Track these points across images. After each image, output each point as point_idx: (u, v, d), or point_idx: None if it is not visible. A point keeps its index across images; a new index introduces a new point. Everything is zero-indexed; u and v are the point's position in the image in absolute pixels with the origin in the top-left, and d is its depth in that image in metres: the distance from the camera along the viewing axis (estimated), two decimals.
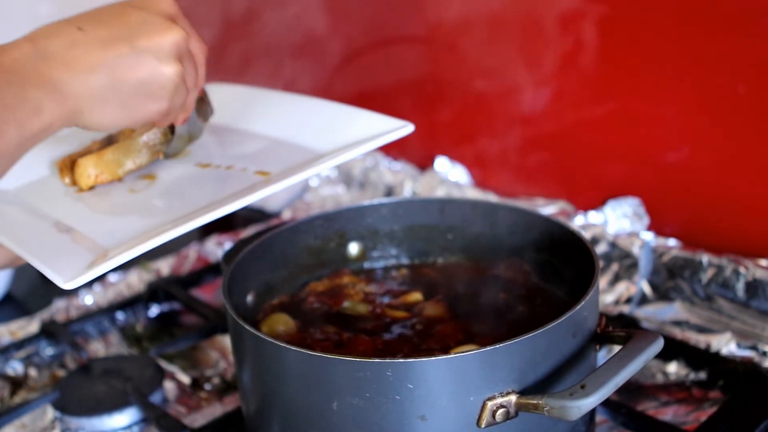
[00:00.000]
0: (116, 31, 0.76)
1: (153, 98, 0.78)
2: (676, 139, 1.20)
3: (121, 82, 0.75)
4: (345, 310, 1.00)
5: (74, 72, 0.73)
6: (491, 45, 1.40)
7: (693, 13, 1.13)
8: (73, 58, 0.74)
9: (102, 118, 0.76)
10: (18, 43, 0.74)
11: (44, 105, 0.71)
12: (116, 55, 0.75)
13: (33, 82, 0.72)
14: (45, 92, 0.72)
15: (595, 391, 0.70)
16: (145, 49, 0.76)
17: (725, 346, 1.06)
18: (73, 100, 0.73)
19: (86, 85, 0.74)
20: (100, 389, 1.08)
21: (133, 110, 0.77)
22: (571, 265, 0.95)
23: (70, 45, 0.75)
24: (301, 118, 1.04)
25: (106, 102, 0.75)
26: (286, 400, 0.81)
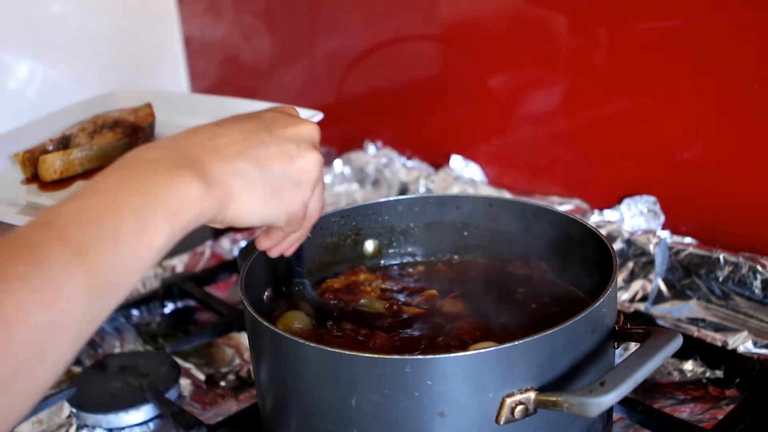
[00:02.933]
0: (254, 125, 0.76)
1: (298, 186, 0.76)
2: (691, 136, 1.20)
3: (267, 169, 0.74)
4: (362, 307, 1.00)
5: (221, 158, 0.71)
6: (505, 43, 1.40)
7: (707, 10, 1.13)
8: (218, 147, 0.72)
9: (249, 211, 0.73)
10: (161, 142, 0.72)
11: (193, 190, 0.67)
12: (260, 143, 0.74)
13: (181, 168, 0.68)
14: (194, 178, 0.68)
15: (614, 388, 0.70)
16: (286, 137, 0.76)
17: (742, 344, 1.06)
18: (222, 187, 0.70)
19: (234, 170, 0.71)
20: (116, 386, 1.09)
21: (280, 199, 0.75)
22: (588, 261, 0.95)
23: (212, 138, 0.73)
24: (223, 114, 1.16)
25: (254, 190, 0.73)
26: (304, 397, 0.81)
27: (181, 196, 0.66)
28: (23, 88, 1.85)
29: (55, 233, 0.60)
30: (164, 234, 0.65)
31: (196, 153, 0.71)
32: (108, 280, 0.61)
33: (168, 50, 2.04)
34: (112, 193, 0.65)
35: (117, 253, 0.61)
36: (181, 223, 0.66)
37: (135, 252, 0.63)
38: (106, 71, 1.94)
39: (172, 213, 0.66)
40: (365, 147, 1.65)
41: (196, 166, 0.69)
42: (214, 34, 1.98)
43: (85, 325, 0.60)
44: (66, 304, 0.58)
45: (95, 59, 1.93)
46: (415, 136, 1.60)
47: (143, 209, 0.64)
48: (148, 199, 0.65)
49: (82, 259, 0.59)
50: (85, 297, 0.59)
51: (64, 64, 1.90)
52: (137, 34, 1.98)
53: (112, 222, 0.62)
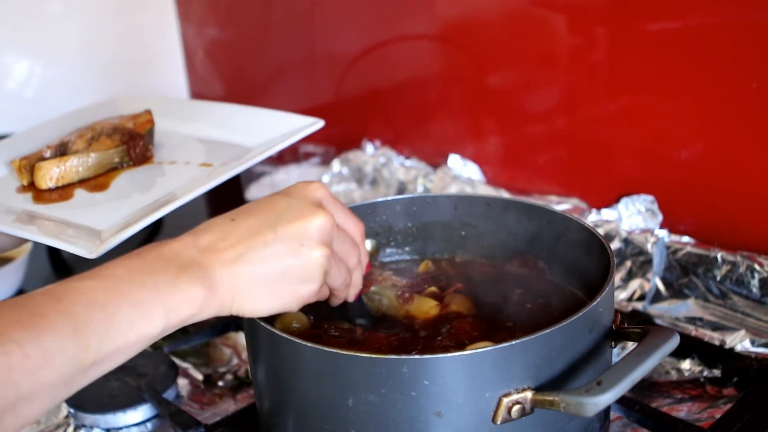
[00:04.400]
0: (263, 220, 0.78)
1: (302, 282, 0.79)
2: (689, 135, 1.20)
3: (268, 270, 0.77)
4: (373, 294, 1.00)
5: (224, 263, 0.75)
6: (503, 43, 1.40)
7: (705, 10, 1.13)
8: (224, 248, 0.76)
9: (254, 305, 0.77)
10: (182, 237, 0.77)
11: (195, 294, 0.73)
12: (262, 243, 0.76)
13: (188, 272, 0.73)
14: (197, 281, 0.73)
15: (611, 388, 0.70)
16: (289, 234, 0.77)
17: (739, 343, 1.06)
18: (224, 290, 0.75)
19: (235, 274, 0.75)
20: (114, 386, 1.09)
21: (284, 295, 0.78)
22: (586, 261, 0.95)
23: (223, 237, 0.76)
24: (233, 121, 1.21)
25: (255, 289, 0.76)
26: (301, 397, 0.81)
27: (182, 296, 0.72)
28: (21, 88, 1.86)
29: (63, 307, 0.66)
30: (158, 327, 0.71)
31: (204, 257, 0.75)
32: (94, 359, 0.67)
33: (167, 52, 2.05)
34: (122, 280, 0.70)
35: (110, 337, 0.67)
36: (176, 319, 0.72)
37: (127, 338, 0.69)
38: (104, 72, 1.94)
39: (169, 309, 0.71)
40: (363, 146, 1.65)
41: (202, 269, 0.74)
42: (213, 35, 1.98)
43: (62, 391, 0.66)
44: (51, 373, 0.64)
45: (94, 60, 1.93)
46: (414, 135, 1.61)
47: (144, 302, 0.70)
48: (151, 293, 0.71)
49: (78, 337, 0.65)
50: (70, 369, 0.65)
51: (63, 64, 1.90)
52: (136, 35, 1.98)
53: (113, 308, 0.68)
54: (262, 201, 0.81)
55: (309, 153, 1.77)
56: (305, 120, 1.16)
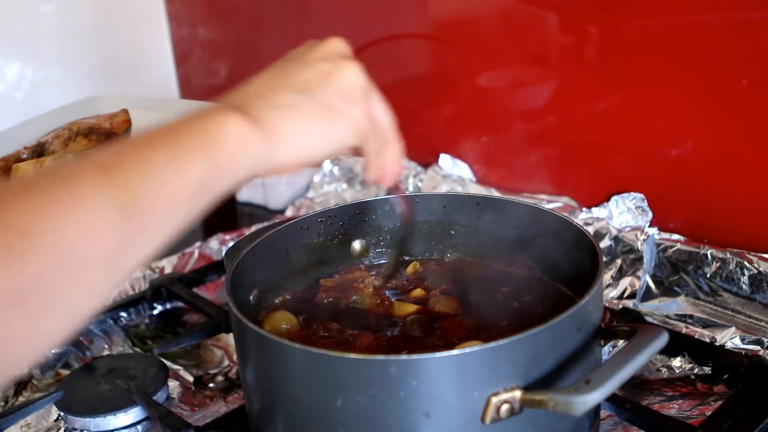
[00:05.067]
0: (286, 61, 0.74)
1: (349, 99, 0.72)
2: (679, 133, 1.20)
3: (311, 93, 0.70)
4: (354, 304, 1.00)
5: (260, 98, 0.69)
6: (493, 42, 1.40)
7: (696, 8, 1.13)
8: (256, 87, 0.70)
9: (307, 137, 0.69)
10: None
11: (236, 125, 0.64)
12: (293, 73, 0.71)
13: (222, 110, 0.65)
14: (237, 114, 0.65)
15: (599, 386, 0.70)
16: (317, 58, 0.73)
17: (730, 340, 1.06)
18: (268, 124, 0.67)
19: (277, 104, 0.69)
20: (104, 388, 1.08)
21: (339, 117, 0.71)
22: (575, 259, 0.95)
23: (246, 86, 0.71)
24: None
25: (305, 116, 0.69)
26: (290, 398, 0.81)
27: (221, 129, 0.64)
28: (12, 89, 1.85)
29: (87, 161, 0.58)
30: (200, 163, 0.61)
31: (234, 101, 0.68)
32: (140, 203, 0.57)
33: (157, 53, 2.04)
34: (153, 132, 0.62)
35: (148, 176, 0.58)
36: (220, 156, 0.63)
37: (168, 178, 0.59)
38: (95, 73, 1.94)
39: (210, 145, 0.62)
40: None
41: (239, 110, 0.66)
42: (204, 35, 1.98)
43: (120, 251, 0.56)
44: (94, 219, 0.54)
45: (84, 61, 1.92)
46: (404, 134, 1.59)
47: (179, 141, 0.62)
48: (187, 132, 0.63)
49: (111, 179, 0.56)
50: (116, 216, 0.55)
51: (53, 65, 1.89)
52: (126, 36, 1.98)
53: (146, 150, 0.60)
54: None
55: None
56: None
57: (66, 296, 0.53)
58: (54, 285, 0.52)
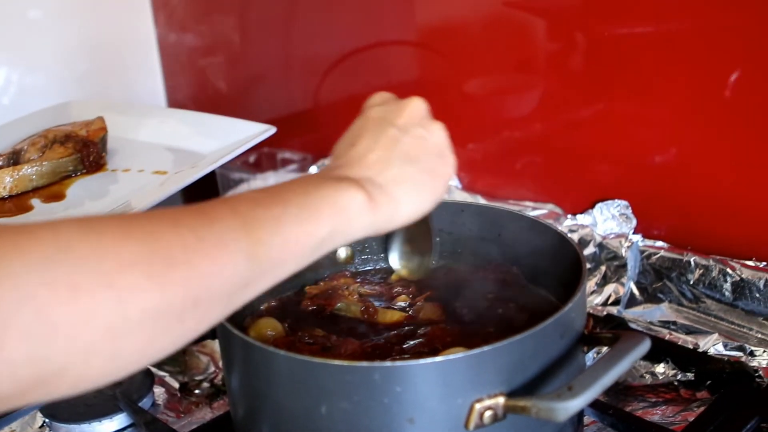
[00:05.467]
0: (377, 128, 0.78)
1: (443, 157, 0.79)
2: (663, 141, 1.21)
3: (415, 161, 0.76)
4: (338, 311, 1.00)
5: (376, 171, 0.74)
6: (480, 49, 1.41)
7: (681, 15, 1.14)
8: (369, 163, 0.75)
9: (419, 203, 0.76)
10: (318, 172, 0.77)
11: (357, 196, 0.71)
12: (395, 142, 0.76)
13: (344, 181, 0.72)
14: (356, 186, 0.72)
15: (582, 393, 0.70)
16: (409, 124, 0.78)
17: (713, 346, 1.07)
18: (386, 196, 0.73)
19: (393, 177, 0.75)
20: (89, 395, 1.08)
21: (437, 177, 0.78)
22: (559, 267, 0.95)
23: (360, 158, 0.76)
24: (186, 128, 1.22)
25: (416, 185, 0.76)
26: (275, 405, 0.81)
27: (347, 199, 0.71)
28: None
29: (229, 207, 0.65)
30: (326, 227, 0.68)
31: (352, 172, 0.74)
32: (266, 254, 0.64)
33: (144, 58, 2.05)
34: (285, 190, 0.69)
35: (278, 232, 0.65)
36: (343, 220, 0.70)
37: (296, 236, 0.66)
38: (82, 79, 1.94)
39: (336, 211, 0.70)
40: None
41: (355, 177, 0.73)
42: (190, 41, 1.98)
43: (240, 290, 0.64)
44: (227, 262, 0.61)
45: (71, 66, 1.92)
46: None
47: (308, 204, 0.69)
48: (315, 197, 0.69)
49: (247, 230, 0.63)
50: (244, 262, 0.62)
51: (40, 71, 1.89)
52: (113, 42, 1.98)
53: (280, 209, 0.66)
54: (359, 122, 0.81)
55: (287, 160, 1.77)
56: (258, 127, 1.18)
57: (186, 322, 0.59)
58: (179, 312, 0.58)
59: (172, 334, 0.59)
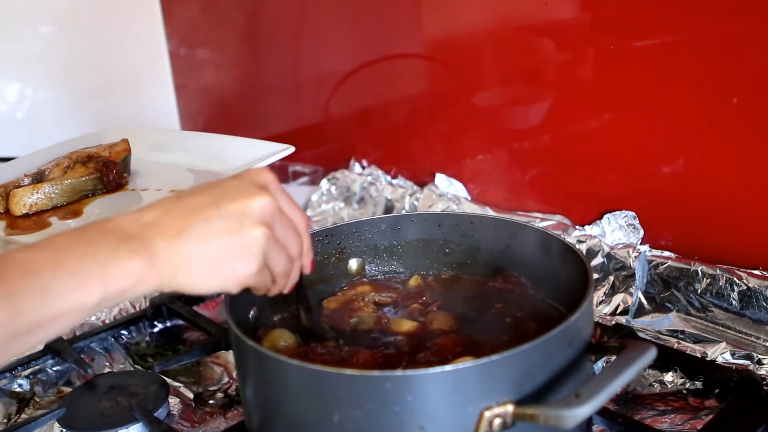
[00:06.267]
0: (208, 199, 0.80)
1: (240, 260, 0.79)
2: (669, 152, 1.22)
3: (206, 246, 0.77)
4: (354, 326, 1.02)
5: (165, 236, 0.76)
6: (487, 62, 1.42)
7: (687, 27, 1.15)
8: (165, 223, 0.77)
9: (192, 281, 0.77)
10: (127, 213, 0.78)
11: (134, 266, 0.73)
12: (203, 220, 0.78)
13: (128, 244, 0.74)
14: (137, 253, 0.74)
15: (589, 400, 0.71)
16: (230, 212, 0.79)
17: (720, 355, 1.08)
18: (162, 264, 0.75)
19: (175, 248, 0.76)
20: (106, 405, 1.10)
21: (222, 273, 0.79)
22: (567, 277, 0.96)
23: (167, 213, 0.78)
24: (209, 149, 1.25)
25: (194, 265, 0.77)
26: (289, 414, 0.82)
27: (120, 267, 0.73)
28: (13, 109, 1.87)
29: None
30: (95, 297, 0.71)
31: (146, 230, 0.76)
32: (27, 325, 0.68)
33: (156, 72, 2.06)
34: (61, 250, 0.72)
35: (44, 305, 0.69)
36: (114, 289, 0.72)
37: (62, 306, 0.70)
38: (94, 94, 1.96)
39: (107, 280, 0.72)
40: (351, 166, 1.67)
41: (144, 246, 0.75)
42: (202, 57, 2.00)
43: (4, 349, 0.68)
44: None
45: (84, 82, 1.94)
46: (401, 154, 1.62)
47: (81, 271, 0.71)
48: (89, 263, 0.72)
49: (10, 303, 0.67)
50: (2, 334, 0.67)
51: (53, 86, 1.91)
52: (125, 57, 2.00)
53: (49, 276, 0.69)
54: (211, 182, 0.82)
55: (298, 172, 1.79)
56: (277, 146, 1.20)
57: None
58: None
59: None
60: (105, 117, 1.96)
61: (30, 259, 0.70)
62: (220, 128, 1.89)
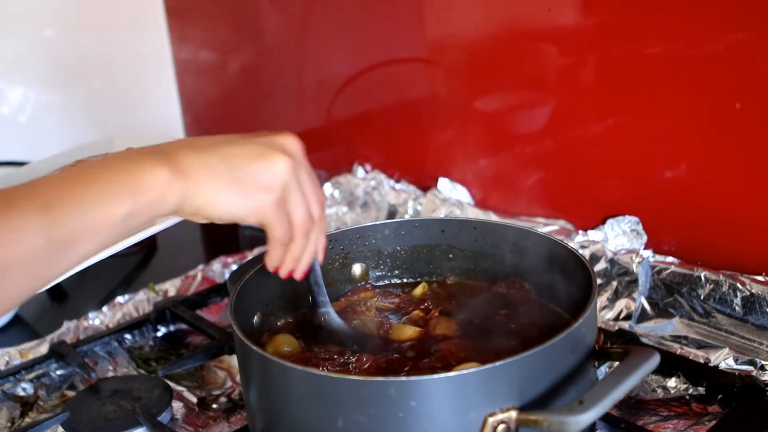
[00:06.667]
0: (229, 135, 0.83)
1: (264, 187, 0.80)
2: (673, 157, 1.22)
3: (232, 164, 0.79)
4: (356, 328, 1.02)
5: (192, 151, 0.78)
6: (491, 66, 1.42)
7: (690, 31, 1.15)
8: (191, 142, 0.80)
9: (213, 199, 0.78)
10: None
11: (160, 174, 0.75)
12: (231, 142, 0.80)
13: (156, 157, 0.76)
14: (163, 163, 0.75)
15: (592, 407, 0.71)
16: (257, 140, 0.81)
17: (724, 360, 1.08)
18: (187, 176, 0.77)
19: (202, 162, 0.78)
20: (109, 409, 1.10)
21: (246, 196, 0.80)
22: (570, 282, 0.97)
23: (188, 142, 0.81)
24: None
25: (219, 182, 0.78)
26: (292, 419, 0.83)
27: (147, 177, 0.74)
28: (15, 113, 1.87)
29: (31, 191, 0.71)
30: (125, 206, 0.73)
31: (172, 148, 0.79)
32: (66, 234, 0.70)
33: (159, 75, 2.07)
34: (91, 168, 0.74)
35: (78, 212, 0.71)
36: (143, 200, 0.74)
37: (96, 214, 0.72)
38: (97, 97, 1.96)
39: (136, 190, 0.74)
40: (354, 170, 1.67)
41: (170, 157, 0.77)
42: (206, 61, 2.00)
43: (40, 268, 0.70)
44: (22, 246, 0.68)
45: (87, 86, 1.95)
46: (404, 159, 1.63)
47: (110, 182, 0.73)
48: (119, 174, 0.74)
49: (46, 213, 0.69)
50: (42, 241, 0.68)
51: (56, 90, 1.92)
52: (129, 61, 2.00)
53: (81, 188, 0.72)
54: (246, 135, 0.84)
55: None
56: None
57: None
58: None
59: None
60: (108, 122, 1.96)
61: (61, 176, 0.72)
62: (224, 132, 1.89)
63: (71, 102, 1.93)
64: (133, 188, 0.73)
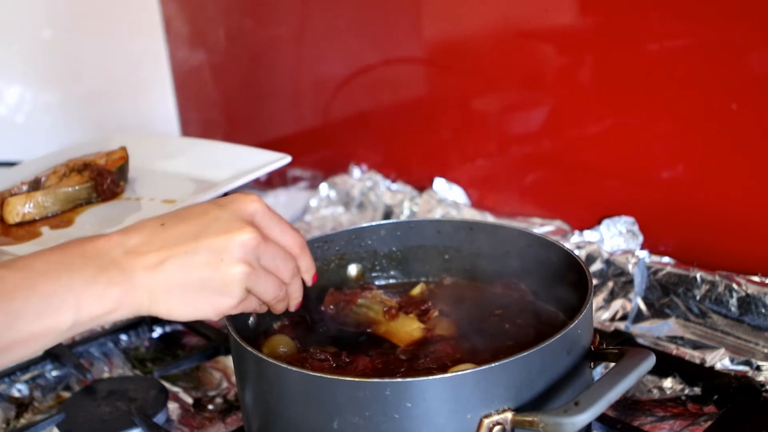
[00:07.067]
0: (191, 229, 0.79)
1: (219, 295, 0.79)
2: (669, 158, 1.22)
3: (186, 279, 0.78)
4: (359, 308, 1.02)
5: (145, 267, 0.76)
6: (487, 66, 1.42)
7: (687, 32, 1.15)
8: (147, 252, 0.77)
9: (169, 309, 0.78)
10: (111, 234, 0.78)
11: (111, 294, 0.74)
12: (183, 252, 0.78)
13: (107, 273, 0.74)
14: (115, 284, 0.74)
15: (588, 408, 0.71)
16: (211, 247, 0.78)
17: (719, 361, 1.08)
18: (141, 293, 0.76)
19: (154, 279, 0.76)
20: (105, 410, 1.10)
21: (200, 305, 0.79)
22: (566, 283, 0.97)
23: (149, 240, 0.78)
24: (206, 158, 1.26)
25: (172, 295, 0.77)
26: (288, 420, 0.82)
27: (96, 295, 0.73)
28: (12, 113, 1.87)
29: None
30: (67, 322, 0.72)
31: (126, 257, 0.76)
32: (4, 346, 0.69)
33: (156, 76, 2.07)
34: (37, 273, 0.72)
35: (15, 328, 0.69)
36: (87, 316, 0.73)
37: (32, 330, 0.70)
38: (94, 98, 1.96)
39: (81, 306, 0.73)
40: (350, 170, 1.67)
41: (122, 271, 0.75)
42: (202, 62, 2.00)
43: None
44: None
45: (84, 86, 1.94)
46: (400, 159, 1.63)
47: (54, 296, 0.72)
48: (64, 288, 0.72)
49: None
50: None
51: (53, 90, 1.91)
52: (126, 62, 2.00)
53: (21, 300, 0.70)
54: (195, 208, 0.82)
55: (297, 177, 1.79)
56: (273, 155, 1.21)
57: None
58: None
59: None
60: (105, 122, 1.96)
61: (3, 279, 0.70)
62: (220, 132, 1.90)
63: (68, 102, 1.93)
64: (78, 304, 0.72)
